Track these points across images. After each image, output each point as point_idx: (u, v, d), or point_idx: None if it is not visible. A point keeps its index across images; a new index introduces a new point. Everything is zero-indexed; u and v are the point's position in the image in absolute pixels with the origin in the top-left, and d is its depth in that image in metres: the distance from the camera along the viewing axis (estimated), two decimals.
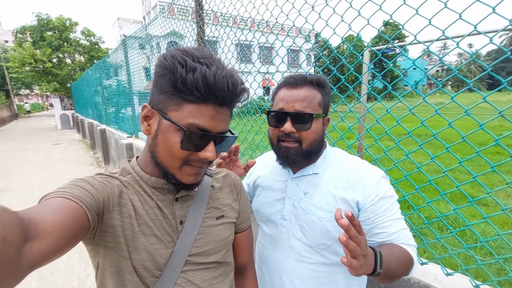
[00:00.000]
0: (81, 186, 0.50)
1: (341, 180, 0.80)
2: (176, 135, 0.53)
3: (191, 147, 0.54)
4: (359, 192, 0.77)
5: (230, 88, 0.52)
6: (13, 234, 0.33)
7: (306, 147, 0.79)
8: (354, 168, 0.82)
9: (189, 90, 0.50)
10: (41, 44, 17.94)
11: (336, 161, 0.85)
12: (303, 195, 0.84)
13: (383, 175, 0.79)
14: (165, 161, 0.56)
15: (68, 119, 16.15)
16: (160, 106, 0.54)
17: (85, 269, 2.70)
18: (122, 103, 5.38)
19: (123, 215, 0.56)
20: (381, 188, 0.76)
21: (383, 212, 0.75)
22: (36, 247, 0.37)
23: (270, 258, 0.91)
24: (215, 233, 0.67)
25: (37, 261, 0.37)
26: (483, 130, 0.86)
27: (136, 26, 26.48)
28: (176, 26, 2.66)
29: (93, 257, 0.60)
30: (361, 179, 0.78)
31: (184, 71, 0.49)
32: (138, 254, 0.57)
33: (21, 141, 11.42)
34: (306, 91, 0.78)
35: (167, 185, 0.61)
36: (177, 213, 0.62)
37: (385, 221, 0.75)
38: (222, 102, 0.53)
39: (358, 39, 1.18)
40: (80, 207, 0.46)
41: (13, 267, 0.33)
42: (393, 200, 0.77)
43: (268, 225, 0.92)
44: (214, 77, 0.50)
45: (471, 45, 46.68)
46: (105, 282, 0.59)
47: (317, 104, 0.79)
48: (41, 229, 0.38)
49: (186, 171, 0.57)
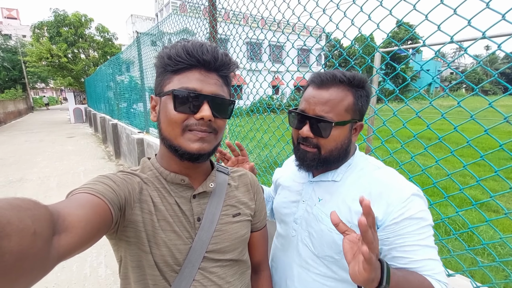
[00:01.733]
0: (104, 183, 0.52)
1: (361, 192, 0.71)
2: (170, 102, 0.57)
3: (185, 109, 0.56)
4: (381, 208, 0.67)
5: (209, 50, 0.57)
6: (43, 227, 0.34)
7: (324, 154, 0.73)
8: (382, 180, 0.71)
9: (174, 60, 0.57)
10: (57, 39, 18.44)
11: (362, 171, 0.76)
12: (317, 201, 0.79)
13: (416, 193, 0.68)
14: (167, 133, 0.59)
15: (81, 113, 16.59)
16: (159, 89, 0.61)
17: (96, 258, 2.81)
18: (134, 99, 5.51)
19: (144, 211, 0.59)
20: (409, 207, 0.65)
21: (407, 234, 0.64)
22: (64, 239, 0.38)
23: (280, 259, 0.89)
24: (231, 230, 0.68)
25: (64, 253, 0.38)
26: (498, 134, 0.87)
27: (149, 23, 26.82)
28: (188, 23, 2.72)
29: (116, 251, 0.63)
30: (386, 193, 0.68)
31: (168, 50, 0.58)
32: (158, 249, 0.59)
33: (37, 133, 11.82)
34: (333, 92, 0.70)
35: (185, 181, 0.64)
36: (195, 210, 0.64)
37: (409, 245, 0.64)
38: (208, 66, 0.58)
39: (368, 42, 1.20)
40: (103, 202, 0.48)
41: (43, 259, 0.34)
42: (423, 223, 0.65)
43: (282, 226, 0.91)
44: (192, 45, 0.57)
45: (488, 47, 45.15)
46: (128, 275, 0.62)
47: (344, 109, 0.70)
48: (68, 223, 0.40)
49: (189, 137, 0.58)
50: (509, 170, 5.09)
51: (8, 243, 0.29)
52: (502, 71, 0.82)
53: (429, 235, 0.65)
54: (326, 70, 0.76)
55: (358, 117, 0.74)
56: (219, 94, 0.59)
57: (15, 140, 10.12)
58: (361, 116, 0.75)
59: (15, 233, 0.30)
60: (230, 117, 0.64)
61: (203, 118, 0.56)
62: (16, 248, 0.30)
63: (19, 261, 0.30)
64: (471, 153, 5.74)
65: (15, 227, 0.30)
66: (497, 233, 3.00)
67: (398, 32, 24.89)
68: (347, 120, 0.71)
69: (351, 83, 0.70)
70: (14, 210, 0.31)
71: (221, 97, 0.59)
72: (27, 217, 0.32)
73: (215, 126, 0.60)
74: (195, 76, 0.57)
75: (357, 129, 0.76)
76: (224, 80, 0.62)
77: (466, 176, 4.77)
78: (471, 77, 41.47)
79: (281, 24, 1.66)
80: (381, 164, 0.78)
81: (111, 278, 2.51)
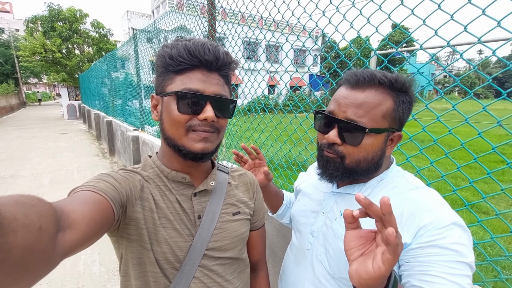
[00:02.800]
0: (105, 180, 0.53)
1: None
2: (173, 103, 0.57)
3: (188, 110, 0.57)
4: (410, 232, 0.57)
5: (210, 50, 0.57)
6: (48, 223, 0.34)
7: (349, 164, 0.64)
8: (418, 201, 0.60)
9: (176, 61, 0.57)
10: (51, 34, 18.11)
11: (396, 189, 0.65)
12: (338, 215, 0.70)
13: (459, 223, 0.56)
14: (171, 133, 0.59)
15: (74, 109, 16.35)
16: (160, 89, 0.61)
17: (91, 255, 2.79)
18: (130, 96, 5.46)
19: (145, 208, 0.60)
20: (445, 235, 0.54)
21: (432, 262, 0.53)
22: (69, 236, 0.39)
23: (291, 273, 0.82)
24: (231, 228, 0.69)
25: (69, 250, 0.39)
26: (489, 137, 0.89)
27: (145, 20, 26.56)
28: (186, 21, 2.71)
29: (117, 248, 0.63)
30: (420, 216, 0.57)
31: (169, 49, 0.58)
32: (159, 246, 0.60)
33: (29, 129, 11.62)
34: (370, 95, 0.61)
35: (186, 179, 0.65)
36: (196, 208, 0.65)
37: (431, 275, 0.52)
38: (209, 66, 0.58)
39: (366, 45, 1.22)
40: (105, 200, 0.49)
41: (49, 254, 0.35)
42: (458, 258, 0.52)
43: (297, 235, 0.84)
44: (194, 44, 0.57)
45: (480, 51, 45.96)
46: (128, 272, 0.63)
47: (382, 115, 0.60)
48: (72, 219, 0.40)
49: (193, 138, 0.58)
50: (500, 172, 5.21)
51: (15, 238, 0.30)
52: (494, 76, 0.85)
53: (463, 274, 0.51)
54: (361, 69, 0.66)
55: (396, 126, 0.64)
56: (221, 94, 0.60)
57: (7, 135, 9.92)
58: (400, 125, 0.65)
59: (21, 229, 0.30)
60: (232, 116, 0.64)
61: (207, 119, 0.57)
62: (23, 244, 0.30)
63: (26, 256, 0.31)
64: (463, 156, 5.85)
65: (21, 223, 0.31)
66: (487, 234, 3.07)
67: (394, 35, 25.15)
68: (383, 128, 0.61)
69: (392, 85, 0.61)
70: (19, 207, 0.32)
71: (224, 97, 0.60)
72: (32, 213, 0.33)
73: (218, 126, 0.61)
74: (197, 77, 0.57)
75: (393, 140, 0.66)
76: (225, 79, 0.62)
77: (458, 178, 4.86)
78: (464, 80, 42.15)
79: (280, 24, 1.67)
80: (422, 184, 0.66)
81: (105, 276, 2.49)
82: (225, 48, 0.64)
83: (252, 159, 0.97)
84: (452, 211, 0.59)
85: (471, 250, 0.54)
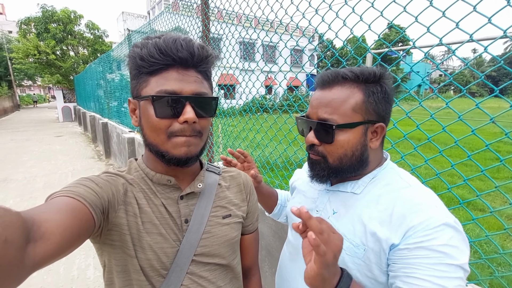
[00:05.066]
0: (85, 185, 0.50)
1: (382, 211, 0.61)
2: (150, 108, 0.54)
3: (167, 114, 0.53)
4: (399, 233, 0.56)
5: (183, 46, 0.53)
6: (15, 235, 0.33)
7: (333, 163, 0.65)
8: (410, 200, 0.59)
9: (147, 62, 0.53)
10: (45, 35, 17.93)
11: (388, 187, 0.65)
12: (331, 213, 0.71)
13: (451, 224, 0.54)
14: (153, 139, 0.56)
15: (70, 111, 16.20)
16: (135, 92, 0.58)
17: (85, 260, 2.75)
18: (125, 98, 5.42)
19: (128, 213, 0.57)
20: (433, 237, 0.52)
21: (418, 265, 0.52)
22: (40, 247, 0.37)
23: (286, 269, 0.83)
24: (221, 232, 0.66)
25: (40, 262, 0.37)
26: (484, 135, 0.89)
27: (140, 21, 26.44)
28: (181, 21, 2.69)
29: (100, 255, 0.61)
30: (410, 216, 0.56)
31: (140, 49, 0.54)
32: (144, 253, 0.57)
33: (23, 132, 11.47)
34: (336, 91, 0.62)
35: (172, 182, 0.62)
36: (182, 212, 0.62)
37: (416, 277, 0.51)
38: (185, 64, 0.54)
39: (359, 43, 1.21)
40: (84, 205, 0.46)
41: (16, 268, 0.33)
42: (448, 261, 0.51)
43: (293, 233, 0.84)
44: (165, 42, 0.53)
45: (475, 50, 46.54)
46: (113, 280, 0.60)
47: (351, 109, 0.61)
48: (44, 229, 0.38)
49: (175, 142, 0.55)
50: (494, 170, 5.26)
51: None
52: (488, 73, 0.84)
53: (451, 276, 0.50)
54: (327, 70, 0.67)
55: (374, 118, 0.63)
56: (201, 92, 0.56)
57: (0, 139, 9.79)
58: (378, 116, 0.64)
59: None
60: (214, 114, 0.61)
61: (187, 121, 0.54)
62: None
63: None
64: (458, 154, 5.89)
65: None
66: (482, 232, 3.09)
67: (389, 34, 25.36)
68: (356, 121, 0.62)
69: (358, 78, 0.61)
70: None
71: (203, 95, 0.57)
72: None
73: (200, 128, 0.57)
74: (172, 76, 0.54)
75: (377, 131, 0.65)
76: (204, 75, 0.58)
77: (453, 176, 4.89)
78: (459, 79, 42.61)
79: (274, 23, 1.66)
80: (416, 182, 0.65)
81: (100, 280, 2.45)
82: (220, 49, 0.61)
83: (241, 163, 0.96)
84: (445, 211, 0.57)
85: (464, 251, 0.53)
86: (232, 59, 2.11)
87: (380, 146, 0.69)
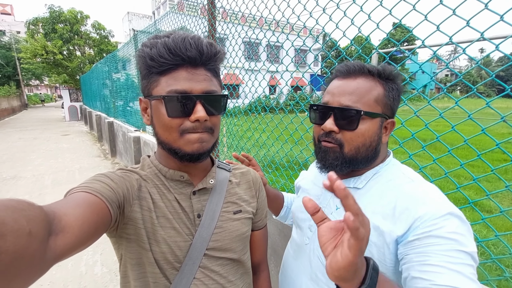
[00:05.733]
0: (101, 181, 0.52)
1: (385, 206, 0.61)
2: (162, 107, 0.55)
3: (178, 113, 0.55)
4: (403, 224, 0.56)
5: (192, 45, 0.54)
6: (38, 228, 0.34)
7: (349, 152, 0.65)
8: (413, 194, 0.59)
9: (157, 62, 0.54)
10: (52, 36, 18.19)
11: (391, 182, 0.65)
12: (334, 209, 0.71)
13: (456, 213, 0.55)
14: (165, 138, 0.58)
15: (76, 110, 16.42)
16: (146, 92, 0.59)
17: (92, 256, 2.79)
18: (131, 97, 5.47)
19: (143, 208, 0.59)
20: (441, 225, 0.53)
21: (431, 253, 0.51)
22: (61, 240, 0.38)
23: (290, 267, 0.83)
24: (232, 228, 0.67)
25: (60, 254, 0.38)
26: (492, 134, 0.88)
27: (145, 21, 26.64)
28: (186, 21, 2.71)
29: (116, 249, 0.63)
30: (414, 209, 0.56)
31: (149, 49, 0.55)
32: (158, 246, 0.59)
33: (31, 131, 11.66)
34: (361, 81, 0.64)
35: (185, 178, 0.63)
36: (195, 207, 0.64)
37: (431, 264, 0.50)
38: (194, 63, 0.55)
39: (367, 42, 1.21)
40: (101, 201, 0.48)
41: (39, 259, 0.34)
42: (458, 247, 0.50)
43: (297, 231, 0.85)
44: (174, 41, 0.53)
45: (482, 49, 45.79)
46: (127, 273, 0.62)
47: (374, 100, 0.63)
48: (64, 223, 0.39)
49: (188, 139, 0.56)
50: (503, 170, 5.18)
51: (3, 243, 0.29)
52: (497, 73, 0.84)
53: (464, 263, 0.49)
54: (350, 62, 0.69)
55: (389, 113, 0.66)
56: (211, 90, 0.57)
57: (9, 137, 9.96)
58: (392, 112, 0.67)
59: (10, 233, 0.30)
60: (224, 111, 0.62)
61: (198, 119, 0.55)
62: (12, 248, 0.30)
63: (15, 261, 0.30)
64: (465, 154, 5.82)
65: (10, 227, 0.30)
66: (490, 233, 3.06)
67: (395, 34, 25.09)
68: (377, 112, 0.64)
69: (380, 74, 0.65)
70: (8, 211, 0.31)
71: (213, 93, 0.58)
72: (22, 217, 0.32)
73: (211, 125, 0.59)
74: (182, 76, 0.55)
75: (387, 127, 0.68)
76: (213, 73, 0.59)
77: (460, 177, 4.84)
78: (466, 79, 41.94)
79: (280, 23, 1.67)
80: (418, 177, 0.65)
81: (107, 276, 2.49)
82: (226, 49, 0.62)
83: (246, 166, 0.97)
84: (449, 202, 0.57)
85: (471, 240, 0.53)
86: (239, 58, 2.12)
87: (386, 143, 0.71)
